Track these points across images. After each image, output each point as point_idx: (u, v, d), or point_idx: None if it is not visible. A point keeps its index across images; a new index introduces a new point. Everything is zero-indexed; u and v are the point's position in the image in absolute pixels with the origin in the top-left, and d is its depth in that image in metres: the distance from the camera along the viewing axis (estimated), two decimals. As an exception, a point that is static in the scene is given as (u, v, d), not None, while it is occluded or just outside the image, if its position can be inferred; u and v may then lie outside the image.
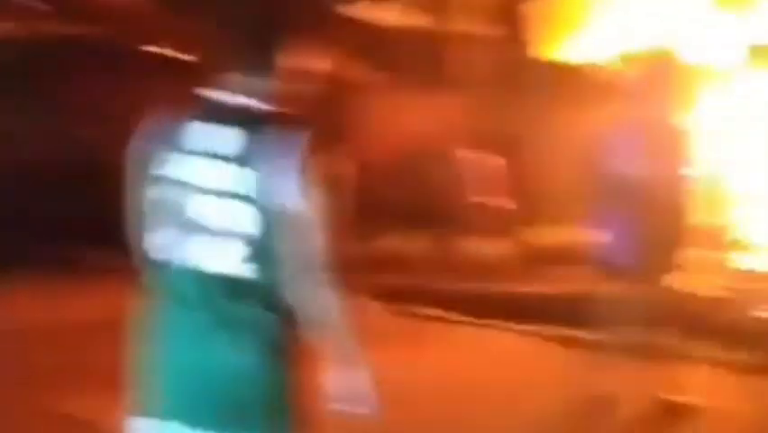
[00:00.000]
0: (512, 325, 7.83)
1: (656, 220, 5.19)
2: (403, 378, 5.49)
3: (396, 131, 12.40)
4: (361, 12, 13.67)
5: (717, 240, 8.43)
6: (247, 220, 2.28)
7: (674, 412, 5.38)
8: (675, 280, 5.58)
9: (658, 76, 5.74)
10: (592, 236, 5.68)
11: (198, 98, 2.43)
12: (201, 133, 2.38)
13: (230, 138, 2.34)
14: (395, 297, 8.93)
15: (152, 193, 2.40)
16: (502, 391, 5.90)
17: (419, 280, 9.82)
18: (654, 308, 5.38)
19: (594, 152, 5.58)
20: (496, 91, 13.45)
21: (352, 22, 12.88)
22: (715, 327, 7.15)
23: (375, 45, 12.90)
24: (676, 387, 5.51)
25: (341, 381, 2.29)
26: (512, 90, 13.54)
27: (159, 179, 2.39)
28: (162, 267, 2.39)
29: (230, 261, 2.30)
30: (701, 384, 5.88)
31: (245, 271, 2.29)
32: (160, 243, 2.39)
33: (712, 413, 5.51)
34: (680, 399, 5.47)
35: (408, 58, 13.09)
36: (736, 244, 9.16)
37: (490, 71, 13.67)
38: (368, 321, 2.17)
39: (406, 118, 12.38)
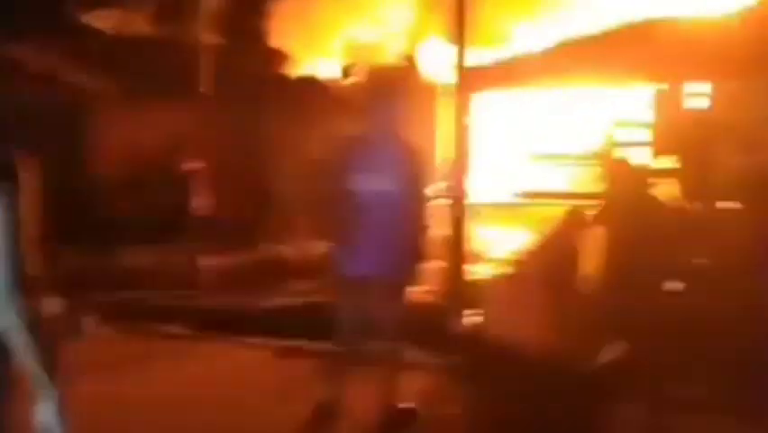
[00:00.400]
0: (248, 339, 7.76)
1: (390, 233, 5.26)
2: (129, 395, 5.29)
3: (129, 143, 12.06)
4: (98, 21, 13.20)
5: (453, 251, 8.79)
6: None
7: (399, 420, 5.50)
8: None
9: (390, 90, 5.86)
10: (328, 249, 5.70)
11: None
12: None
13: None
14: (128, 314, 8.64)
15: None
16: (232, 406, 5.83)
17: (153, 297, 9.57)
18: (391, 319, 5.48)
19: (325, 167, 5.63)
20: (235, 104, 13.39)
21: (90, 31, 12.41)
22: (439, 335, 7.49)
23: (109, 54, 12.46)
24: (402, 394, 5.65)
25: (36, 412, 2.17)
26: (252, 103, 13.54)
27: None
28: None
29: None
30: (424, 391, 6.07)
31: None
32: None
33: (432, 419, 5.69)
34: (404, 406, 5.59)
35: (146, 68, 12.74)
36: (471, 256, 9.63)
37: (231, 83, 13.58)
38: (94, 341, 2.04)
39: (139, 130, 12.06)
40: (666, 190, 9.54)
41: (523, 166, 13.43)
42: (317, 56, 19.94)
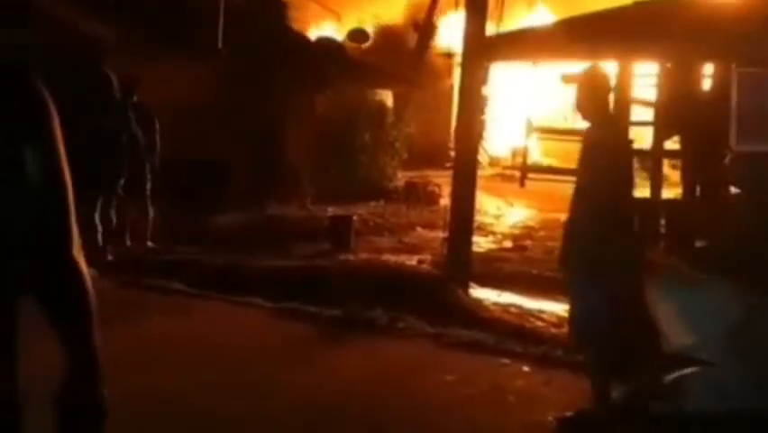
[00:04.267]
0: (247, 298, 7.85)
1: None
2: (121, 350, 5.38)
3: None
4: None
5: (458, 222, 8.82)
6: None
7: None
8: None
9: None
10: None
11: None
12: None
13: None
14: (130, 268, 8.76)
15: None
16: (224, 365, 5.92)
17: (157, 251, 9.70)
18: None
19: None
20: (251, 62, 13.41)
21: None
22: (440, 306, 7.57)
23: (126, 6, 12.42)
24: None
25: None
26: (267, 62, 13.55)
27: None
28: None
29: None
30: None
31: None
32: None
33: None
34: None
35: (165, 21, 12.73)
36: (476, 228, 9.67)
37: (248, 41, 13.60)
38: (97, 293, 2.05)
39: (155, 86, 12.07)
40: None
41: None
42: (335, 19, 19.94)
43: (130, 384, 4.54)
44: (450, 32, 18.19)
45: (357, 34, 19.10)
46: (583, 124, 5.44)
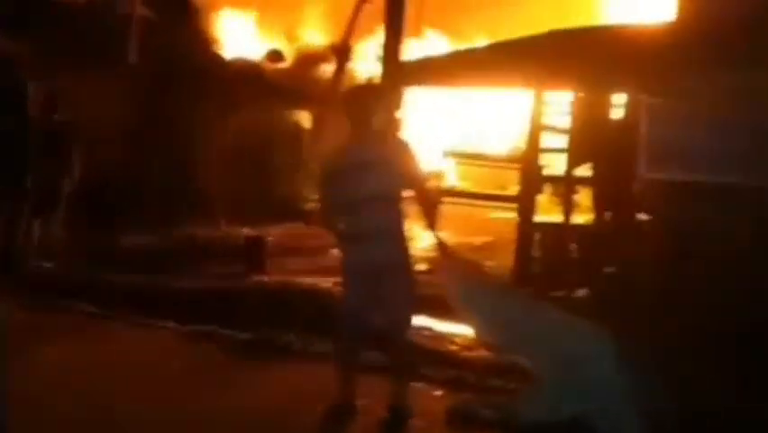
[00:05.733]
0: (158, 321, 7.69)
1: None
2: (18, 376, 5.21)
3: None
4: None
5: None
6: None
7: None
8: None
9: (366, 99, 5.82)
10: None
11: None
12: None
13: None
14: (36, 288, 8.50)
15: None
16: (132, 391, 5.77)
17: (67, 272, 9.43)
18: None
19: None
20: (161, 78, 13.24)
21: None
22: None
23: (38, 20, 12.16)
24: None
25: None
26: (178, 80, 13.39)
27: None
28: None
29: None
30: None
31: None
32: None
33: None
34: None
35: (76, 35, 12.49)
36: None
37: (158, 57, 13.43)
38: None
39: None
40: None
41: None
42: (249, 38, 19.84)
43: (29, 412, 4.40)
44: (367, 56, 18.27)
45: (274, 55, 19.01)
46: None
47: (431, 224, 5.53)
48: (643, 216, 7.46)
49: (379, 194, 5.37)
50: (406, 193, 5.47)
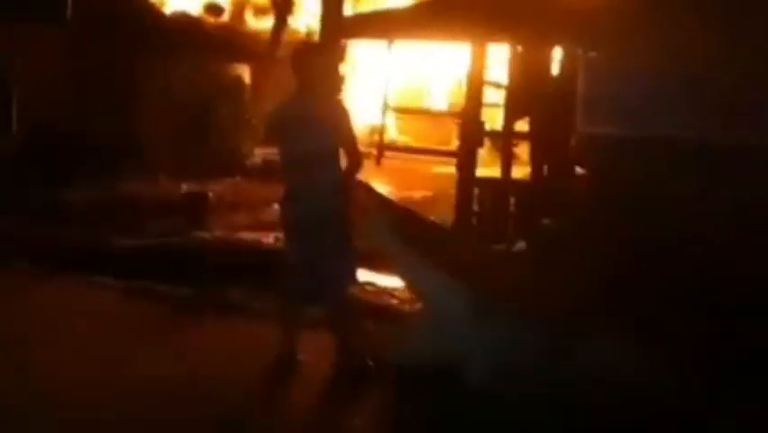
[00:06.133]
0: (98, 278, 7.63)
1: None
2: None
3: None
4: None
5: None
6: None
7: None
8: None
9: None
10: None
11: None
12: None
13: None
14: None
15: None
16: (70, 347, 5.77)
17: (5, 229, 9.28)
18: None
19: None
20: (101, 35, 12.98)
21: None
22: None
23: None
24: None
25: None
26: (118, 36, 13.15)
27: None
28: None
29: None
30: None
31: None
32: None
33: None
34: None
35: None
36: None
37: (97, 14, 13.16)
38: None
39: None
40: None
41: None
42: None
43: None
44: (308, 10, 18.10)
45: (213, 8, 18.75)
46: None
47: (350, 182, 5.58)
48: (579, 170, 7.57)
49: (317, 150, 5.41)
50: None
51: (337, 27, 8.43)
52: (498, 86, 8.56)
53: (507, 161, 8.53)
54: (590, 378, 4.81)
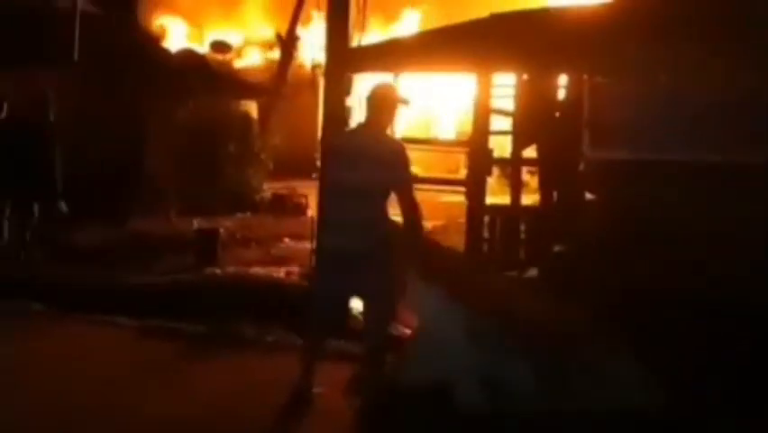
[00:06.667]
0: (111, 317, 7.64)
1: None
2: None
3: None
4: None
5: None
6: None
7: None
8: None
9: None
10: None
11: None
12: None
13: None
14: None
15: None
16: (87, 386, 5.76)
17: (13, 270, 9.31)
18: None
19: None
20: (108, 74, 13.10)
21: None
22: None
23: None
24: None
25: None
26: (125, 74, 13.27)
27: None
28: None
29: None
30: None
31: None
32: None
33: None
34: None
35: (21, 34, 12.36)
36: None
37: (104, 53, 13.29)
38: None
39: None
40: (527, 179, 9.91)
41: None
42: (196, 31, 19.68)
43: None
44: (313, 44, 18.25)
45: (219, 46, 18.92)
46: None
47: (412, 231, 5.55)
48: (589, 196, 7.57)
49: (366, 185, 5.41)
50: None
51: (343, 60, 8.47)
52: (505, 113, 8.58)
53: (517, 188, 8.53)
54: (588, 405, 4.81)
